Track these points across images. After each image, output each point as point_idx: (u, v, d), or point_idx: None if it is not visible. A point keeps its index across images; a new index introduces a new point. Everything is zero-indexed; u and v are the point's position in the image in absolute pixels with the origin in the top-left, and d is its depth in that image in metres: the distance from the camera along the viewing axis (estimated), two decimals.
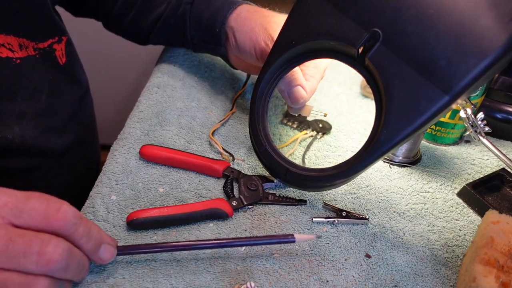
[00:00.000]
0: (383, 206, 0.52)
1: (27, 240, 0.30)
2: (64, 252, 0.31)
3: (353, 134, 0.63)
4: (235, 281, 0.42)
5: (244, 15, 0.60)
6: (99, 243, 0.35)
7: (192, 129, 0.60)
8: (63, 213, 0.31)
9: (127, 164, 0.53)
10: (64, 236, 0.32)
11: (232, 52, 0.63)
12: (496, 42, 0.37)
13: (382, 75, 0.42)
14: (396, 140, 0.41)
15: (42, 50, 0.56)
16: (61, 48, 0.59)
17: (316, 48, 0.48)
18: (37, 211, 0.31)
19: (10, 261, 0.29)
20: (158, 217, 0.45)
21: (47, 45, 0.57)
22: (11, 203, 0.31)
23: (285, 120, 0.64)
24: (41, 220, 0.31)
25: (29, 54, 0.54)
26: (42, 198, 0.32)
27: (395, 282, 0.44)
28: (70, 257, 0.31)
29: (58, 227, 0.31)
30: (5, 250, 0.29)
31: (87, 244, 0.34)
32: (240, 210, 0.49)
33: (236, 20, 0.60)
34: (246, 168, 0.55)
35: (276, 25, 0.57)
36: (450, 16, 0.40)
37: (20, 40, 0.52)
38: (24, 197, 0.31)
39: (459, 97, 0.39)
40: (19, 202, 0.31)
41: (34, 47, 0.54)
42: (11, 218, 0.31)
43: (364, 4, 0.44)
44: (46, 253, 0.30)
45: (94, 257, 0.36)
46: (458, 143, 0.65)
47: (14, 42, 0.52)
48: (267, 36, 0.56)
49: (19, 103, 0.54)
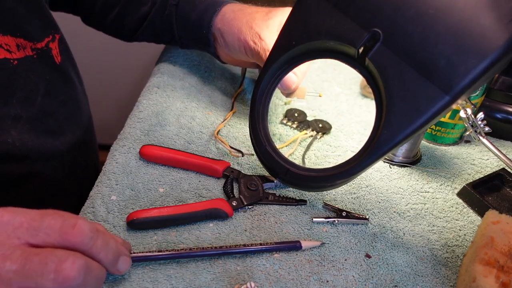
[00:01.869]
0: (383, 206, 0.52)
1: (43, 258, 0.30)
2: (81, 268, 0.31)
3: (353, 134, 0.63)
4: (235, 281, 0.42)
5: (229, 15, 0.60)
6: (117, 255, 0.36)
7: (192, 129, 0.60)
8: (79, 229, 0.32)
9: (127, 164, 0.53)
10: (82, 251, 0.32)
11: (222, 50, 0.64)
12: (496, 42, 0.37)
13: (382, 75, 0.42)
14: (396, 140, 0.41)
15: (40, 50, 0.55)
16: (56, 47, 0.58)
17: (316, 48, 0.48)
18: (53, 228, 0.31)
19: (28, 281, 0.29)
20: (158, 217, 0.45)
21: (44, 45, 0.56)
22: (27, 223, 0.31)
23: (285, 120, 0.64)
24: (58, 237, 0.31)
25: (26, 54, 0.53)
26: (57, 215, 0.32)
27: (395, 282, 0.44)
28: (87, 272, 0.31)
29: (75, 243, 0.32)
30: (22, 270, 0.29)
31: (106, 258, 0.34)
32: (240, 210, 0.49)
33: (222, 21, 0.60)
34: (246, 168, 0.55)
35: (260, 20, 0.58)
36: (450, 16, 0.40)
37: (18, 40, 0.51)
38: (39, 216, 0.31)
39: (459, 97, 0.39)
40: (34, 221, 0.31)
41: (32, 47, 0.53)
42: (28, 237, 0.31)
43: (364, 4, 0.44)
44: (63, 270, 0.30)
45: (112, 270, 0.36)
46: (458, 143, 0.65)
47: (12, 42, 0.51)
48: (254, 35, 0.57)
49: (14, 106, 0.53)
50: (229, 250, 0.43)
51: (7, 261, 0.29)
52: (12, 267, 0.29)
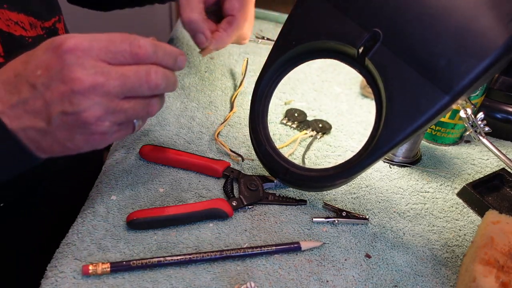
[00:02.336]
0: (383, 206, 0.52)
1: (136, 73, 0.37)
2: (162, 75, 0.39)
3: (353, 134, 0.63)
4: (235, 281, 0.42)
5: None
6: (175, 57, 0.41)
7: (192, 129, 0.60)
8: (144, 47, 0.38)
9: (127, 164, 0.53)
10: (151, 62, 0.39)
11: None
12: (496, 42, 0.37)
13: (382, 75, 0.42)
14: (396, 140, 0.41)
15: (48, 29, 0.56)
16: (62, 27, 0.59)
17: (316, 48, 0.48)
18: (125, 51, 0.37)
19: (131, 91, 0.38)
20: (158, 217, 0.45)
21: (52, 24, 0.56)
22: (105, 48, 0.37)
23: (285, 120, 0.64)
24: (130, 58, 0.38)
25: (38, 33, 0.54)
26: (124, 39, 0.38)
27: (395, 282, 0.44)
28: (166, 77, 0.39)
29: (145, 59, 0.38)
30: (124, 84, 0.37)
31: (169, 62, 0.40)
32: (240, 210, 0.49)
33: None
34: (246, 168, 0.55)
35: None
36: (450, 16, 0.40)
37: (29, 19, 0.52)
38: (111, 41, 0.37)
39: (459, 97, 0.39)
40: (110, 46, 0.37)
41: (41, 26, 0.54)
42: (109, 60, 0.37)
43: (364, 4, 0.44)
44: (152, 80, 0.38)
45: (176, 68, 0.42)
46: (458, 143, 0.65)
47: (25, 20, 0.52)
48: None
49: None
50: (229, 255, 0.43)
51: (110, 79, 0.36)
52: (115, 83, 0.36)
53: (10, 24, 0.49)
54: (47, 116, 0.36)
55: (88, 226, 0.45)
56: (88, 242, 0.43)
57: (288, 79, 0.73)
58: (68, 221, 0.46)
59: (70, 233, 0.44)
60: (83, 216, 0.46)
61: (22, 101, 0.36)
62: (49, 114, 0.36)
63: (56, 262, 0.41)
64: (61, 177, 0.65)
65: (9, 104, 0.36)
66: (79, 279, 0.40)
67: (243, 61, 0.71)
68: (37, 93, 0.36)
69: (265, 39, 0.83)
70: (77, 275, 0.40)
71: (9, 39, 0.49)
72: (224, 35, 0.54)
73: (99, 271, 0.40)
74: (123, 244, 0.43)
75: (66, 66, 0.35)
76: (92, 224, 0.45)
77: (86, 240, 0.43)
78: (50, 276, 0.40)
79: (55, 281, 0.39)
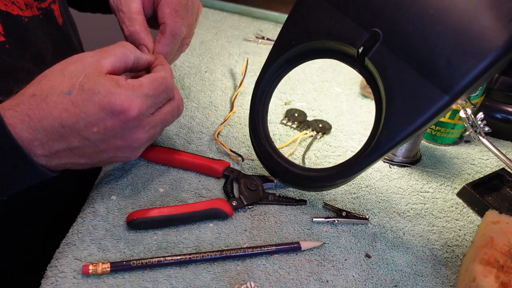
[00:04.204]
0: (383, 206, 0.52)
1: (172, 116, 0.45)
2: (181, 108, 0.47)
3: (353, 134, 0.63)
4: (235, 281, 0.42)
5: None
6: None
7: (192, 129, 0.60)
8: (173, 89, 0.44)
9: (127, 164, 0.53)
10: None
11: None
12: (496, 42, 0.37)
13: (382, 75, 0.42)
14: (396, 140, 0.41)
15: (44, 10, 0.56)
16: (57, 8, 0.59)
17: (316, 48, 0.48)
18: (165, 99, 0.44)
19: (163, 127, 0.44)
20: (158, 217, 0.45)
21: (48, 5, 0.57)
22: (153, 104, 0.42)
23: (285, 120, 0.64)
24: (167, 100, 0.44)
25: (34, 13, 0.54)
26: (163, 89, 0.42)
27: (395, 282, 0.44)
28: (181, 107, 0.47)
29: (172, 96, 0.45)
30: (165, 125, 0.44)
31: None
32: (240, 210, 0.49)
33: None
34: (246, 168, 0.55)
35: None
36: (450, 16, 0.40)
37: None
38: (156, 97, 0.42)
39: (459, 97, 0.39)
40: (156, 100, 0.42)
41: (37, 6, 0.54)
42: (155, 110, 0.43)
43: (364, 4, 0.44)
44: (181, 112, 0.46)
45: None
46: (458, 143, 0.65)
47: (21, 0, 0.52)
48: None
49: (28, 61, 0.53)
50: (229, 255, 0.43)
51: (157, 128, 0.43)
52: (161, 128, 0.44)
53: (7, 3, 0.49)
54: (94, 157, 0.41)
55: (88, 226, 0.45)
56: (88, 242, 0.43)
57: (288, 79, 0.73)
58: (68, 221, 0.46)
59: (70, 233, 0.44)
60: (83, 216, 0.46)
61: (70, 148, 0.39)
62: (98, 157, 0.41)
63: (56, 262, 0.41)
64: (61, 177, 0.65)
65: (53, 150, 0.39)
66: (79, 279, 0.40)
67: (243, 61, 0.71)
68: (90, 144, 0.39)
69: (265, 39, 0.83)
70: (77, 275, 0.40)
71: (7, 18, 0.49)
72: (159, 46, 0.51)
73: (99, 271, 0.40)
74: (123, 244, 0.43)
75: (128, 129, 0.40)
76: (92, 224, 0.45)
77: (86, 240, 0.43)
78: (50, 276, 0.40)
79: (55, 281, 0.39)
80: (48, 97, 0.37)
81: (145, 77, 0.41)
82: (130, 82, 0.40)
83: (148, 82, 0.41)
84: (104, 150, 0.40)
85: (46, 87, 0.38)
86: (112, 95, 0.38)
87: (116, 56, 0.41)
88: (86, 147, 0.39)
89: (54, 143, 0.38)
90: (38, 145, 0.38)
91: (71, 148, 0.39)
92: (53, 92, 0.37)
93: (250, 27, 0.88)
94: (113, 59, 0.40)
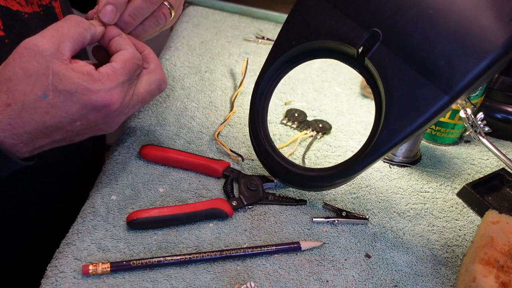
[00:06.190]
0: (383, 206, 0.52)
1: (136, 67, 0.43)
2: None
3: (353, 134, 0.63)
4: (235, 281, 0.42)
5: None
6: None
7: (192, 129, 0.60)
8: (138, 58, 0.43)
9: (127, 164, 0.53)
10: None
11: None
12: (496, 42, 0.37)
13: (382, 75, 0.42)
14: (396, 140, 0.41)
15: (45, 6, 0.56)
16: (58, 6, 0.59)
17: (316, 48, 0.48)
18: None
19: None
20: (158, 217, 0.45)
21: (48, 2, 0.56)
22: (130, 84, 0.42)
23: (285, 120, 0.64)
24: None
25: (34, 10, 0.54)
26: (136, 67, 0.42)
27: (395, 282, 0.44)
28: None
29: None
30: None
31: None
32: (240, 210, 0.49)
33: None
34: (246, 168, 0.55)
35: None
36: (450, 16, 0.40)
37: None
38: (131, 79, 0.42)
39: (459, 97, 0.39)
40: (131, 82, 0.42)
41: (38, 3, 0.54)
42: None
43: (364, 4, 0.44)
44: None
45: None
46: (458, 143, 0.65)
47: None
48: None
49: None
50: (229, 255, 0.43)
51: (134, 107, 0.43)
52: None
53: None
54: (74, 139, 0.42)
55: (88, 226, 0.45)
56: (88, 242, 0.43)
57: (288, 79, 0.73)
58: (68, 221, 0.46)
59: (70, 233, 0.44)
60: (83, 216, 0.46)
61: (54, 141, 0.41)
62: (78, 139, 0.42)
63: (56, 262, 0.41)
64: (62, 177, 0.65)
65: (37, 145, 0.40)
66: (79, 279, 0.40)
67: (243, 61, 0.71)
68: (73, 133, 0.41)
69: (265, 39, 0.83)
70: (77, 275, 0.40)
71: (7, 13, 0.50)
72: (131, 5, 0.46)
73: (99, 271, 0.40)
74: (123, 244, 0.43)
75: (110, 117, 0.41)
76: (92, 224, 0.45)
77: (86, 240, 0.43)
78: (50, 276, 0.40)
79: (55, 281, 0.39)
80: (25, 105, 0.37)
81: (116, 62, 0.40)
82: (103, 72, 0.39)
83: (120, 67, 0.40)
84: (85, 134, 0.42)
85: (19, 95, 0.37)
86: (90, 92, 0.38)
87: (73, 39, 0.39)
88: (68, 137, 0.41)
89: (38, 140, 0.39)
90: (23, 146, 0.39)
91: (55, 141, 0.41)
92: (28, 99, 0.37)
93: (250, 27, 0.88)
94: (71, 43, 0.39)
